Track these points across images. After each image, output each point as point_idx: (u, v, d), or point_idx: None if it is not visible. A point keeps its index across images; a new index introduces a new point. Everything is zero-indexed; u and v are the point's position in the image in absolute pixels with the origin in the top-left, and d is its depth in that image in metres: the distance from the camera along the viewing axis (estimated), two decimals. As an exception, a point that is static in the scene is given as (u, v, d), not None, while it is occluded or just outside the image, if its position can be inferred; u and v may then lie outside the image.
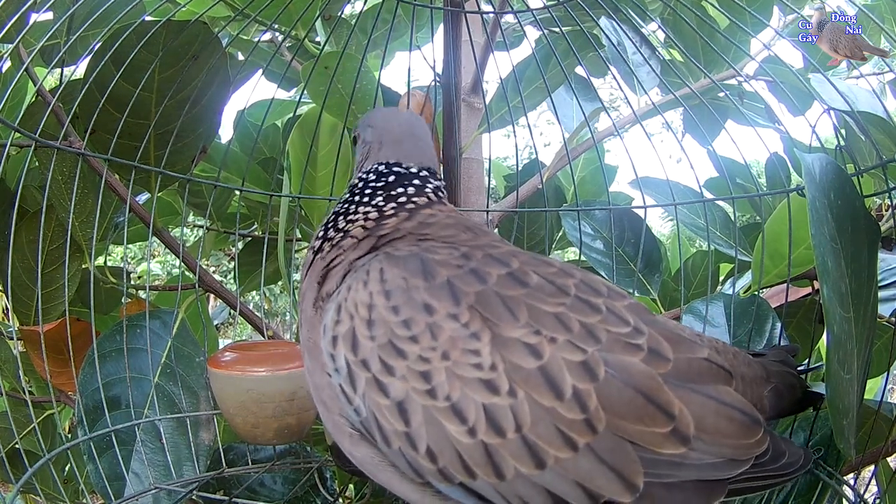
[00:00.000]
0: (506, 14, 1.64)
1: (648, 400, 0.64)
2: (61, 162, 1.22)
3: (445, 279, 0.68)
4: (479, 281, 0.68)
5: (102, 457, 1.06)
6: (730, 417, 0.67)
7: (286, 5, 1.32)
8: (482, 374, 0.64)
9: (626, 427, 0.63)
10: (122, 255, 2.82)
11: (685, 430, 0.64)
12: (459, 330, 0.65)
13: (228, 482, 1.20)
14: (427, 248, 0.73)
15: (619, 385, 0.64)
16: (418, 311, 0.67)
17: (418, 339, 0.66)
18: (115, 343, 1.18)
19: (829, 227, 0.80)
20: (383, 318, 0.67)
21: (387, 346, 0.66)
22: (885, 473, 1.10)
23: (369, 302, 0.69)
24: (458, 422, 0.63)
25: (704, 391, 0.67)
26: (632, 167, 1.31)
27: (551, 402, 0.63)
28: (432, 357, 0.65)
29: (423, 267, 0.70)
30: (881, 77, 1.83)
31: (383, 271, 0.70)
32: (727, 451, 0.66)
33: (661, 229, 5.28)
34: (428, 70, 1.38)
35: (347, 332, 0.69)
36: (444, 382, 0.64)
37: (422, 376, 0.65)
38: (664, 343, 0.68)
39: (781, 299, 1.33)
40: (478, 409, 0.63)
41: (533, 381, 0.63)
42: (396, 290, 0.68)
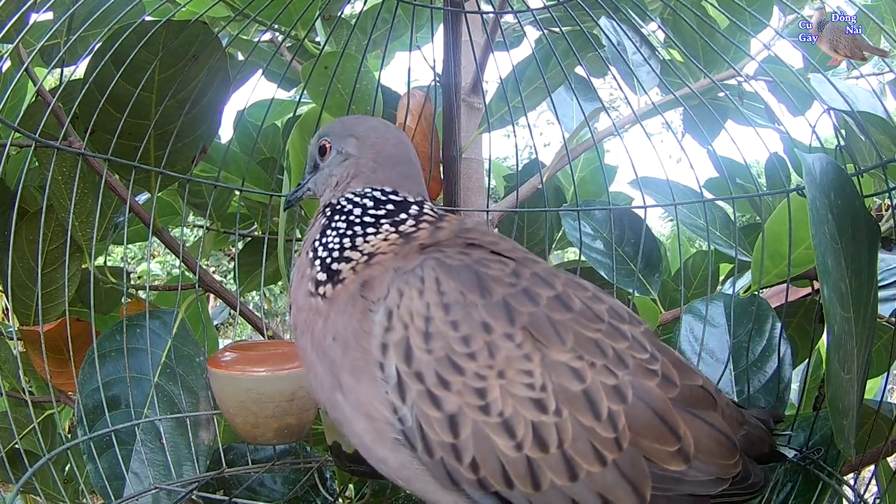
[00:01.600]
0: (506, 14, 1.64)
1: (663, 422, 0.71)
2: (61, 162, 1.22)
3: (501, 298, 0.71)
4: (532, 302, 0.71)
5: (102, 457, 1.06)
6: (719, 441, 0.74)
7: (286, 5, 1.32)
8: (533, 393, 0.68)
9: (645, 445, 0.70)
10: (122, 255, 2.82)
11: (688, 449, 0.71)
12: (514, 350, 0.69)
13: (228, 482, 1.20)
14: (479, 259, 0.74)
15: (643, 407, 0.71)
16: (477, 329, 0.69)
17: (476, 356, 0.68)
18: (114, 343, 1.18)
19: (830, 227, 0.80)
20: (441, 332, 0.69)
21: (444, 360, 0.68)
22: (885, 473, 1.10)
23: (426, 314, 0.69)
24: (508, 437, 0.67)
25: (701, 416, 0.74)
26: (632, 167, 1.31)
27: (591, 422, 0.68)
28: (489, 375, 0.68)
29: (479, 282, 0.71)
30: (881, 77, 1.83)
31: (439, 281, 0.71)
32: (714, 470, 0.73)
33: (660, 229, 5.28)
34: (428, 70, 1.38)
35: (400, 341, 0.69)
36: (498, 399, 0.67)
37: (477, 393, 0.68)
38: (673, 370, 0.74)
39: (781, 299, 1.33)
40: (527, 425, 0.67)
41: (577, 402, 0.69)
42: (455, 305, 0.70)
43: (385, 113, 1.53)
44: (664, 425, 0.71)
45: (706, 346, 1.21)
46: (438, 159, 1.43)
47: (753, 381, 1.16)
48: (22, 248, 1.31)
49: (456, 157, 1.40)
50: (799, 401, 1.32)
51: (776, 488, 1.05)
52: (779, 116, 1.62)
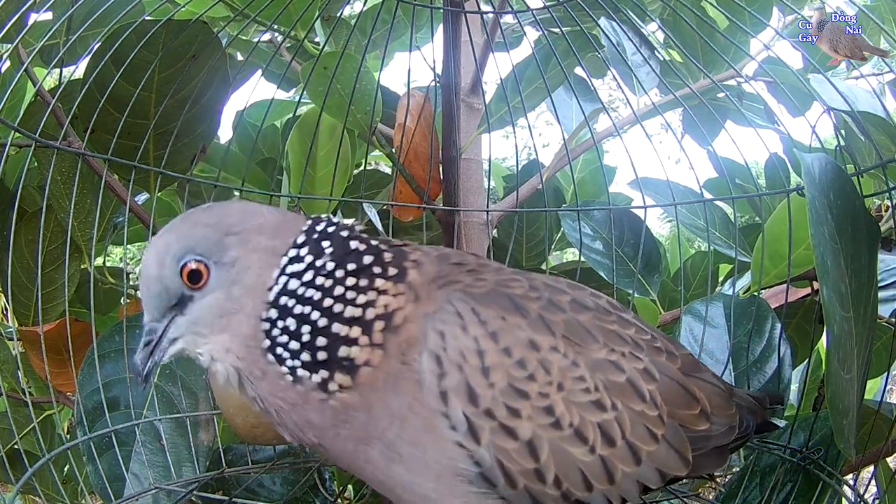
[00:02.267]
0: (505, 14, 1.64)
1: (685, 390, 0.76)
2: (60, 162, 1.22)
3: (537, 314, 0.70)
4: (559, 310, 0.72)
5: (102, 457, 1.06)
6: (720, 395, 0.81)
7: (286, 6, 1.32)
8: (591, 396, 0.70)
9: (678, 413, 0.75)
10: (122, 255, 2.81)
11: (706, 409, 0.77)
12: (562, 360, 0.69)
13: (228, 482, 1.19)
14: (498, 281, 0.73)
15: (668, 381, 0.76)
16: (527, 349, 0.68)
17: (535, 376, 0.68)
18: (114, 343, 1.17)
19: (829, 227, 0.80)
20: (498, 363, 0.67)
21: (508, 390, 0.67)
22: (885, 474, 1.10)
23: (477, 348, 0.67)
24: (581, 443, 0.69)
25: (704, 377, 0.81)
26: (632, 167, 1.31)
27: (640, 406, 0.72)
28: (550, 391, 0.68)
29: (513, 303, 0.70)
30: (880, 78, 1.83)
31: (477, 312, 0.68)
32: (726, 421, 0.79)
33: (659, 230, 5.28)
34: (427, 71, 1.38)
35: (459, 384, 0.66)
36: (565, 412, 0.68)
37: (546, 411, 0.68)
38: (669, 344, 0.80)
39: (781, 300, 1.33)
40: (594, 428, 0.69)
41: (625, 392, 0.72)
42: (501, 332, 0.68)
43: (384, 113, 1.53)
44: (687, 393, 0.76)
45: (706, 346, 1.21)
46: (438, 160, 1.43)
47: (753, 382, 1.16)
48: (21, 249, 1.31)
49: (455, 158, 1.40)
50: (798, 401, 1.32)
51: (776, 488, 1.05)
52: (778, 117, 1.62)
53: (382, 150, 1.44)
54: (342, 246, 0.68)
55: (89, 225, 1.32)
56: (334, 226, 0.70)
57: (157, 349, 0.69)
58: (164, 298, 0.67)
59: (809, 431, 1.08)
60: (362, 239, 0.70)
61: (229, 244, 0.67)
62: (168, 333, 0.69)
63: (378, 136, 1.41)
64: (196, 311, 0.67)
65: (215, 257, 0.66)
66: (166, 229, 0.69)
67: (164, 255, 0.67)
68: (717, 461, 0.80)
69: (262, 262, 0.67)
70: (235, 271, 0.67)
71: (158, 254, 0.67)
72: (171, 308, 0.68)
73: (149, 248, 0.70)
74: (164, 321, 0.68)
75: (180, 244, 0.67)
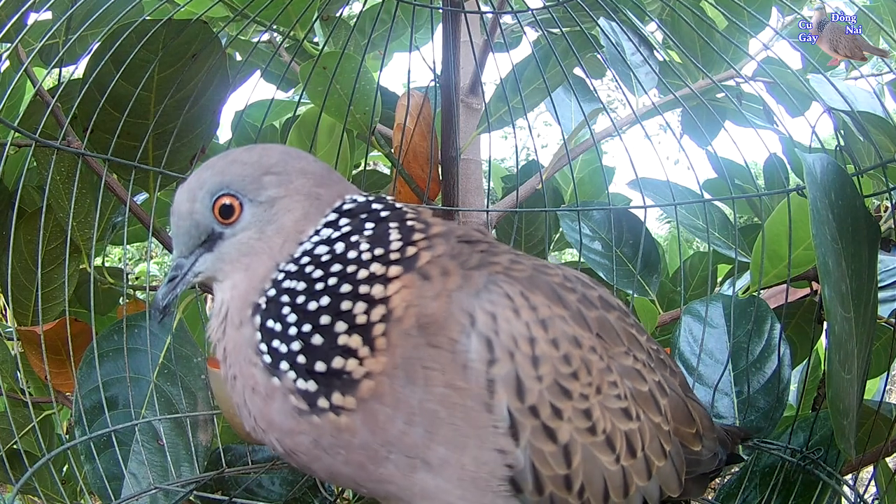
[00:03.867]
0: (505, 14, 1.64)
1: (686, 407, 0.74)
2: (60, 162, 1.22)
3: (576, 307, 0.66)
4: (592, 306, 0.68)
5: (100, 457, 1.06)
6: (707, 417, 0.79)
7: (285, 6, 1.32)
8: (622, 403, 0.66)
9: (681, 431, 0.72)
10: (121, 255, 2.81)
11: (700, 430, 0.75)
12: (600, 362, 0.65)
13: (227, 483, 1.19)
14: (535, 266, 0.67)
15: (675, 397, 0.73)
16: (572, 345, 0.63)
17: (578, 375, 0.63)
18: (112, 343, 1.17)
19: (831, 228, 0.80)
20: (547, 355, 0.62)
21: (554, 386, 0.62)
22: (885, 474, 1.10)
23: (529, 335, 0.61)
24: (609, 451, 0.65)
25: (694, 398, 0.78)
26: (632, 168, 1.31)
27: (658, 418, 0.69)
28: (590, 393, 0.64)
29: (553, 291, 0.65)
30: (879, 78, 1.83)
31: (526, 297, 0.63)
32: (712, 446, 0.77)
33: (658, 231, 5.28)
34: (426, 71, 1.38)
35: (509, 373, 0.60)
36: (600, 417, 0.64)
37: (584, 415, 0.63)
38: (670, 360, 0.78)
39: (780, 300, 1.33)
40: (622, 437, 0.65)
41: (648, 402, 0.69)
42: (550, 321, 0.63)
43: (383, 113, 1.53)
44: (687, 410, 0.74)
45: (705, 346, 1.21)
46: (437, 160, 1.43)
47: (753, 382, 1.16)
48: (20, 249, 1.30)
49: (454, 158, 1.40)
50: (798, 401, 1.32)
51: (776, 488, 1.05)
52: (778, 117, 1.62)
53: (381, 150, 1.44)
54: (382, 235, 0.64)
55: (89, 225, 1.31)
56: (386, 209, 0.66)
57: (180, 283, 0.68)
58: (193, 235, 0.67)
59: (809, 431, 1.08)
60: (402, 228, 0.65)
61: (267, 183, 0.65)
62: (194, 268, 0.68)
63: (377, 136, 1.41)
64: (224, 247, 0.66)
65: (251, 195, 0.65)
66: (203, 166, 0.68)
67: (198, 189, 0.65)
68: (699, 489, 0.77)
69: (304, 207, 0.65)
70: (273, 211, 0.65)
71: (191, 189, 0.66)
72: (200, 245, 0.67)
73: (182, 185, 0.68)
74: (192, 258, 0.67)
75: (215, 179, 0.65)
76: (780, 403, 1.13)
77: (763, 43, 1.51)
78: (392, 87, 1.66)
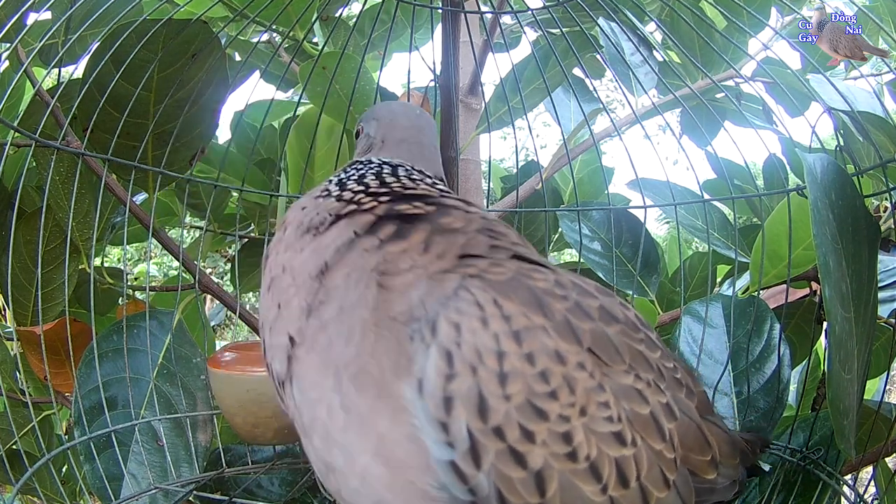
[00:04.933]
0: (504, 14, 1.64)
1: (701, 432, 0.68)
2: (59, 162, 1.22)
3: (563, 317, 0.60)
4: (587, 317, 0.62)
5: (100, 457, 1.06)
6: (728, 442, 0.72)
7: (285, 6, 1.32)
8: (613, 426, 0.60)
9: (691, 459, 0.66)
10: (121, 256, 2.81)
11: (716, 456, 0.69)
12: (589, 380, 0.59)
13: (227, 483, 1.19)
14: (520, 270, 0.62)
15: (687, 421, 0.67)
16: (552, 360, 0.58)
17: (558, 394, 0.57)
18: (112, 343, 1.17)
19: (831, 227, 0.81)
20: (518, 371, 0.56)
21: (525, 406, 0.56)
22: (885, 474, 1.10)
23: (497, 348, 0.56)
24: (594, 481, 0.58)
25: (715, 421, 0.73)
26: (631, 168, 1.31)
27: (660, 445, 0.63)
28: (572, 414, 0.57)
29: (535, 299, 0.60)
30: (879, 78, 1.83)
31: (499, 304, 0.58)
32: (731, 473, 0.72)
33: (657, 231, 5.28)
34: (426, 71, 1.38)
35: (470, 391, 0.55)
36: (584, 442, 0.58)
37: (563, 438, 0.57)
38: (689, 377, 0.71)
39: (779, 300, 1.33)
40: (611, 464, 0.59)
41: (648, 427, 0.62)
42: (525, 332, 0.57)
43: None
44: (702, 436, 0.68)
45: (705, 347, 1.21)
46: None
47: (752, 382, 1.16)
48: (20, 249, 1.30)
49: (454, 158, 1.40)
50: (798, 401, 1.32)
51: (776, 488, 1.05)
52: (777, 117, 1.63)
53: (381, 150, 1.43)
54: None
55: (88, 225, 1.31)
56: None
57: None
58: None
59: (809, 431, 1.08)
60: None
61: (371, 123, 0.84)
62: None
63: (377, 136, 1.40)
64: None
65: (364, 126, 0.85)
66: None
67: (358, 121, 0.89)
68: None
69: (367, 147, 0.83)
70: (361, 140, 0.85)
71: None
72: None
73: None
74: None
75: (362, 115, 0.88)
76: (779, 403, 1.13)
77: (763, 43, 1.52)
78: (392, 87, 1.66)
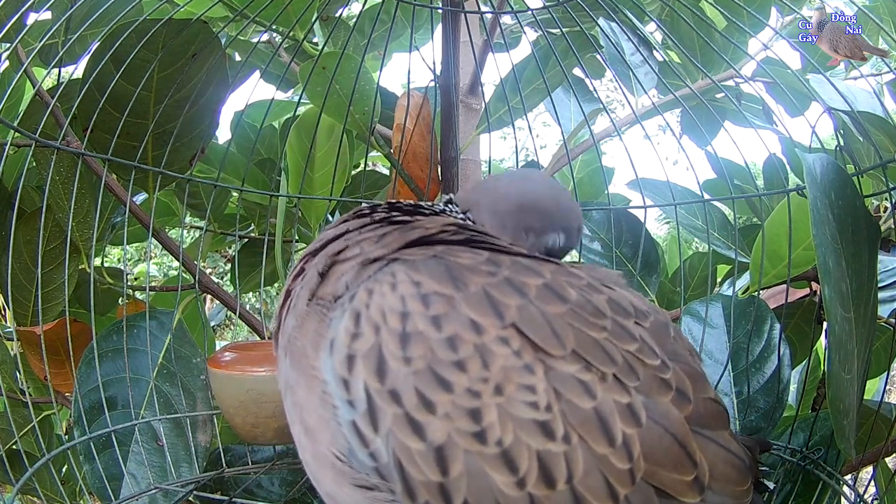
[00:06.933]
0: (504, 14, 1.64)
1: (681, 447, 0.58)
2: (59, 162, 1.22)
3: (481, 288, 0.56)
4: (518, 293, 0.57)
5: (100, 457, 1.06)
6: (734, 465, 0.63)
7: (284, 6, 1.32)
8: (538, 414, 0.54)
9: (660, 475, 0.57)
10: (121, 256, 2.81)
11: (703, 477, 0.59)
12: (512, 358, 0.54)
13: (226, 483, 1.19)
14: (444, 250, 0.61)
15: (660, 431, 0.58)
16: (465, 328, 0.54)
17: (466, 365, 0.53)
18: (111, 343, 1.17)
19: (831, 227, 0.80)
20: (422, 333, 0.54)
21: (426, 372, 0.53)
22: (885, 474, 1.10)
23: (402, 309, 0.55)
24: (508, 472, 0.53)
25: (716, 438, 0.62)
26: (631, 168, 1.31)
27: (604, 449, 0.55)
28: (483, 391, 0.53)
29: (448, 272, 0.57)
30: (879, 78, 1.84)
31: (411, 274, 0.57)
32: (728, 501, 0.62)
33: (657, 231, 5.29)
34: (426, 71, 1.38)
35: (371, 350, 0.54)
36: (495, 423, 0.53)
37: (470, 415, 0.53)
38: (687, 381, 0.62)
39: (779, 300, 1.33)
40: (531, 456, 0.53)
41: (588, 424, 0.55)
42: (435, 297, 0.55)
43: (383, 114, 1.53)
44: (682, 451, 0.58)
45: (705, 347, 1.21)
46: (436, 160, 1.43)
47: (752, 382, 1.16)
48: (20, 249, 1.30)
49: (454, 158, 1.40)
50: (798, 401, 1.32)
51: (776, 488, 1.05)
52: (777, 117, 1.63)
53: (381, 150, 1.44)
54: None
55: (88, 225, 1.31)
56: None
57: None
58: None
59: (809, 431, 1.08)
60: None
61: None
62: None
63: (376, 136, 1.41)
64: None
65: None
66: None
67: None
68: None
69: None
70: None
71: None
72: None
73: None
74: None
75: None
76: (779, 403, 1.13)
77: (763, 43, 1.51)
78: (391, 87, 1.66)
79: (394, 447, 0.53)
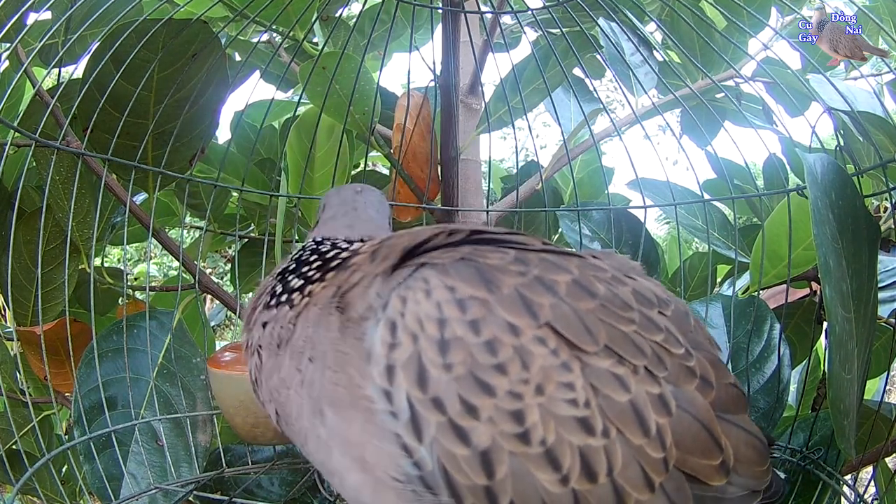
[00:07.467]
0: (505, 14, 1.64)
1: (708, 432, 0.60)
2: (59, 162, 1.22)
3: (513, 289, 0.56)
4: (549, 291, 0.57)
5: (100, 457, 1.06)
6: (754, 446, 0.65)
7: (285, 6, 1.32)
8: (578, 411, 0.55)
9: (690, 462, 0.59)
10: (121, 256, 2.81)
11: (729, 461, 0.61)
12: (550, 357, 0.55)
13: (226, 483, 1.19)
14: (471, 251, 0.60)
15: (688, 419, 0.59)
16: (503, 331, 0.54)
17: (507, 368, 0.54)
18: (112, 343, 1.17)
19: (831, 227, 0.80)
20: (460, 339, 0.54)
21: (467, 378, 0.53)
22: (885, 474, 1.10)
23: (438, 315, 0.54)
24: (552, 470, 0.54)
25: (737, 422, 0.64)
26: (631, 168, 1.31)
27: (640, 440, 0.56)
28: (524, 392, 0.54)
29: (480, 273, 0.57)
30: (879, 78, 1.84)
31: (443, 279, 0.56)
32: (751, 482, 0.64)
33: (657, 231, 5.28)
34: (426, 71, 1.38)
35: (410, 359, 0.54)
36: (538, 423, 0.54)
37: (513, 417, 0.53)
38: (709, 368, 0.64)
39: (779, 300, 1.33)
40: (573, 453, 0.54)
41: (625, 417, 0.56)
42: (470, 301, 0.55)
43: (383, 114, 1.53)
44: (710, 437, 0.60)
45: (705, 346, 1.21)
46: (436, 160, 1.43)
47: (752, 382, 1.16)
48: (20, 249, 1.30)
49: (454, 158, 1.40)
50: (798, 401, 1.32)
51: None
52: (777, 117, 1.63)
53: (381, 150, 1.44)
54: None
55: (88, 225, 1.31)
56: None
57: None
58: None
59: (809, 431, 1.08)
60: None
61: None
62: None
63: (376, 136, 1.41)
64: None
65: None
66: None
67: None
68: None
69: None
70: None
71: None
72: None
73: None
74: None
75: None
76: (779, 403, 1.13)
77: (763, 43, 1.51)
78: (391, 87, 1.66)
79: (439, 455, 0.53)
